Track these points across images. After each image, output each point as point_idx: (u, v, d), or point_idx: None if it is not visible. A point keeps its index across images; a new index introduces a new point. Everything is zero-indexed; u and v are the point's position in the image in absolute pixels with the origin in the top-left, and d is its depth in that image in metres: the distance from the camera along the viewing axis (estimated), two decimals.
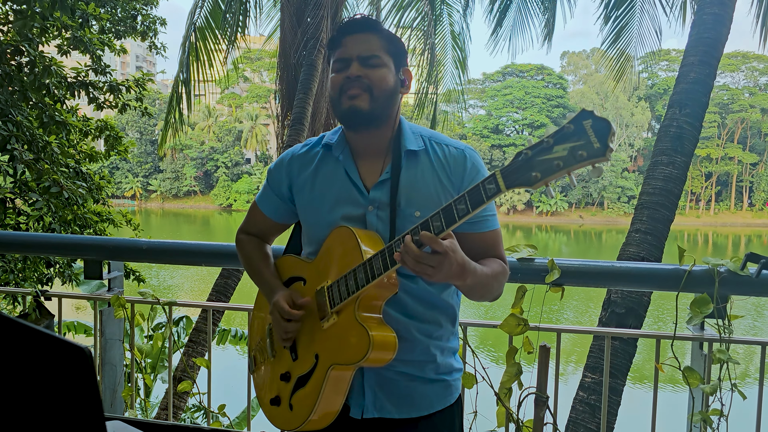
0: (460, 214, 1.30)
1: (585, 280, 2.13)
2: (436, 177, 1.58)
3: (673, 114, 5.14)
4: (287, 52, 8.65)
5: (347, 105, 1.54)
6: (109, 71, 6.81)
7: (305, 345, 1.60)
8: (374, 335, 1.44)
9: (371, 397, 1.57)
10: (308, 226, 1.67)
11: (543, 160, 1.19)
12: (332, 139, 1.66)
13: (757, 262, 1.75)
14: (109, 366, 2.61)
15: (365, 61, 1.54)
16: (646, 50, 8.29)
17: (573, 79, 69.19)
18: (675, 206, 5.09)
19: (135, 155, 64.77)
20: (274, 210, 1.77)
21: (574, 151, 1.15)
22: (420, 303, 1.58)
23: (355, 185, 1.60)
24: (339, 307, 1.50)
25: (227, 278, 6.72)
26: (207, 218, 59.75)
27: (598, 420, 4.55)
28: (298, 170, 1.68)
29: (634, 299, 4.70)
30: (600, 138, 1.13)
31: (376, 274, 1.42)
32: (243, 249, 1.84)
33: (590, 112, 1.14)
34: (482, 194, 1.27)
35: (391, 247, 1.40)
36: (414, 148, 1.59)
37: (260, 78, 66.24)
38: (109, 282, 2.67)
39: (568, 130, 1.17)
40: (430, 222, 1.34)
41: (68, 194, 5.63)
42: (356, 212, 1.58)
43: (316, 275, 1.60)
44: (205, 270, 22.76)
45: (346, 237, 1.52)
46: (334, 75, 1.58)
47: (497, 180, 1.25)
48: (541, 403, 1.96)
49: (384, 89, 1.55)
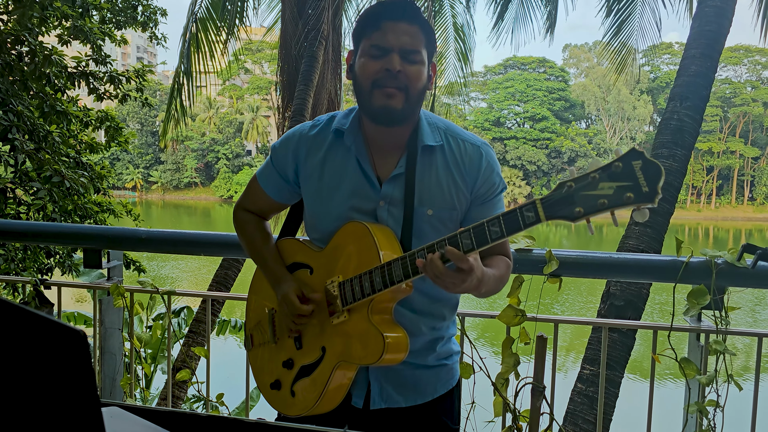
0: (493, 236, 1.27)
1: (582, 271, 2.14)
2: (450, 175, 1.54)
3: (674, 107, 5.13)
4: (288, 44, 8.61)
5: (381, 103, 1.45)
6: (110, 61, 6.79)
7: (312, 336, 1.58)
8: (388, 338, 1.43)
9: (377, 388, 1.58)
10: (314, 215, 1.62)
11: (587, 196, 1.16)
12: (344, 123, 1.57)
13: (754, 253, 1.75)
14: (108, 355, 2.62)
15: (406, 56, 1.45)
16: (647, 43, 8.27)
17: (575, 72, 68.97)
18: (675, 199, 5.09)
19: (136, 146, 64.70)
20: (276, 189, 1.69)
21: (621, 192, 1.13)
22: (427, 298, 1.57)
23: (368, 178, 1.54)
24: (351, 306, 1.48)
25: (227, 269, 6.73)
26: (208, 210, 59.77)
27: (596, 412, 4.56)
28: (306, 154, 1.60)
29: (633, 291, 4.71)
30: (650, 182, 1.10)
31: (396, 281, 1.39)
32: (243, 229, 1.77)
33: (641, 152, 1.12)
34: (519, 221, 1.23)
35: (413, 255, 1.36)
36: (431, 143, 1.54)
37: (261, 69, 66.05)
38: (108, 271, 2.67)
39: (617, 169, 1.13)
40: (459, 239, 1.30)
41: (69, 184, 5.64)
42: (367, 206, 1.54)
43: (325, 267, 1.57)
44: (206, 262, 22.81)
45: (361, 234, 1.48)
46: (367, 60, 1.46)
47: (537, 209, 1.21)
48: (538, 393, 1.97)
49: (419, 89, 1.48)
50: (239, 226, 1.79)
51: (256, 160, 65.11)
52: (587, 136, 61.60)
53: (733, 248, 2.02)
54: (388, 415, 1.60)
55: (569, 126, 63.11)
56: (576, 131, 62.00)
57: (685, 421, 2.08)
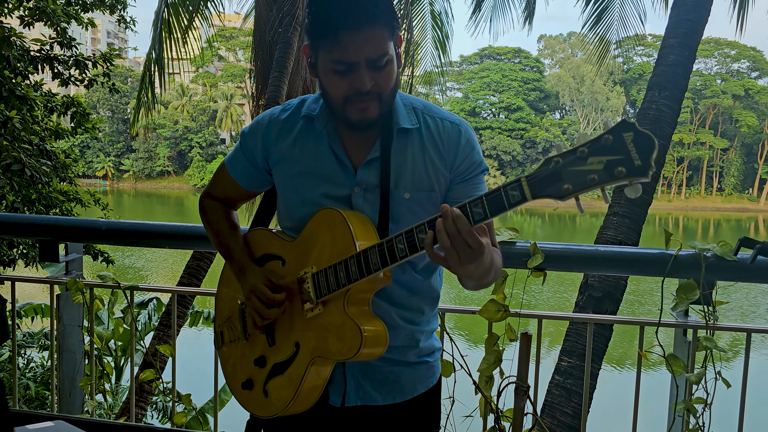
0: (476, 218, 1.19)
1: (568, 264, 2.05)
2: (428, 156, 1.46)
3: (652, 96, 5.10)
4: (262, 30, 8.44)
5: (356, 117, 1.37)
6: (75, 45, 6.51)
7: (284, 331, 1.49)
8: (366, 332, 1.34)
9: (354, 385, 1.49)
10: (285, 203, 1.53)
11: (575, 171, 1.09)
12: (313, 109, 1.49)
13: (752, 248, 1.68)
14: (67, 353, 2.47)
15: (374, 64, 1.33)
16: (627, 34, 8.25)
17: (550, 63, 69.38)
18: (653, 189, 5.07)
19: (106, 134, 63.47)
20: (245, 176, 1.60)
21: (612, 167, 1.06)
22: (405, 290, 1.49)
23: (341, 164, 1.46)
24: (326, 298, 1.39)
25: (199, 260, 6.54)
26: (181, 199, 58.93)
27: (573, 404, 4.53)
28: (276, 139, 1.51)
29: (611, 283, 4.68)
30: (642, 155, 1.03)
31: (373, 269, 1.31)
32: (208, 217, 1.68)
33: (632, 123, 1.05)
34: (504, 201, 1.15)
35: (391, 242, 1.28)
36: (407, 126, 1.45)
37: (236, 57, 65.10)
38: (66, 265, 2.51)
39: (606, 142, 1.07)
40: (424, 227, 1.23)
41: (31, 172, 5.40)
42: (340, 192, 1.45)
43: (297, 257, 1.48)
44: (177, 251, 22.29)
45: (335, 221, 1.39)
46: (332, 76, 1.35)
47: (522, 187, 1.13)
48: (522, 393, 1.88)
49: (392, 87, 1.39)
50: (205, 214, 1.70)
51: (230, 149, 63.54)
52: (561, 126, 62.12)
53: (723, 241, 1.95)
54: (366, 414, 1.52)
55: (544, 116, 63.57)
56: (550, 122, 62.48)
57: (672, 420, 2.01)
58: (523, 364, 1.86)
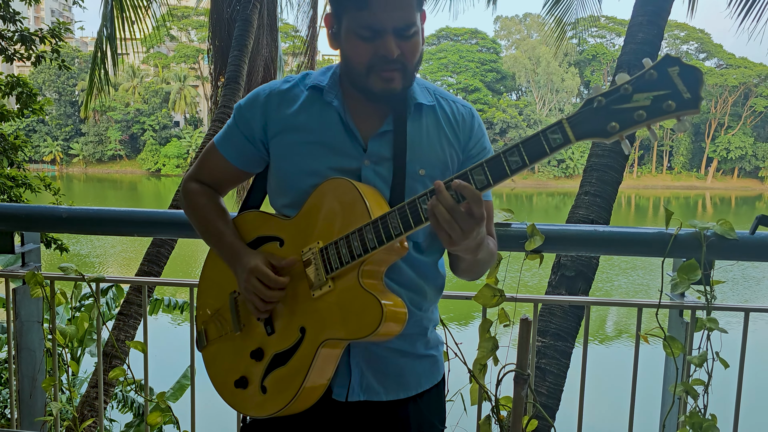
0: (512, 167, 1.12)
1: (566, 246, 1.98)
2: (443, 133, 1.40)
3: None
4: (220, 7, 8.18)
5: (380, 87, 1.31)
6: (19, 19, 6.12)
7: (284, 317, 1.37)
8: (386, 306, 1.24)
9: (358, 376, 1.38)
10: (284, 175, 1.41)
11: (621, 109, 1.05)
12: (321, 80, 1.41)
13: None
14: (26, 352, 2.28)
15: (401, 33, 1.28)
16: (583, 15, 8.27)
17: (506, 44, 69.74)
18: (623, 168, 5.07)
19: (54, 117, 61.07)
20: (239, 154, 1.48)
21: (660, 101, 1.02)
22: (414, 271, 1.40)
23: (351, 134, 1.36)
24: (338, 273, 1.28)
25: (160, 246, 6.30)
26: (134, 184, 57.37)
27: (548, 384, 4.53)
28: (278, 107, 1.41)
29: (584, 262, 4.68)
30: (690, 88, 1.00)
31: (393, 235, 1.21)
32: (193, 201, 1.54)
33: (676, 58, 1.02)
34: (544, 145, 1.09)
35: (414, 203, 1.20)
36: (424, 102, 1.40)
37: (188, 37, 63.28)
38: (23, 256, 2.30)
39: (651, 77, 1.02)
40: (470, 175, 1.15)
41: None
42: (349, 165, 1.35)
43: (299, 235, 1.36)
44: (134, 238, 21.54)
45: (344, 189, 1.29)
46: (356, 41, 1.30)
47: (565, 129, 1.07)
48: (522, 381, 1.80)
49: (417, 60, 1.34)
50: (189, 198, 1.55)
51: (185, 132, 62.77)
52: (518, 107, 62.69)
53: (722, 219, 1.90)
54: (370, 411, 1.41)
55: (500, 97, 64.05)
56: (507, 102, 62.98)
57: (672, 402, 1.96)
58: (524, 352, 1.78)
